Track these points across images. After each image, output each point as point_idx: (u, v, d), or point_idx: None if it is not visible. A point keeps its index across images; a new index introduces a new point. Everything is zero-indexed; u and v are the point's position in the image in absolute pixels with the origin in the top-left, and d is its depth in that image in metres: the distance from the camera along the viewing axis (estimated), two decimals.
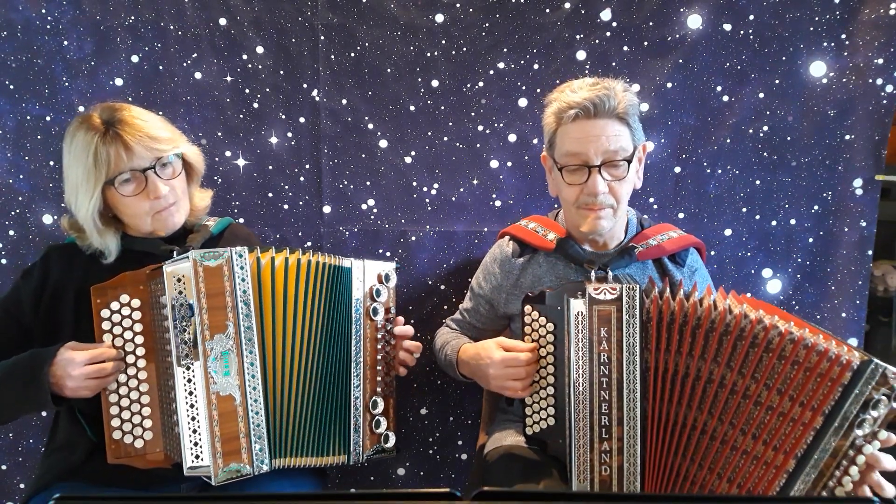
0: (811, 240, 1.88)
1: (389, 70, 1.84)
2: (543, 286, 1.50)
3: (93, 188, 1.34)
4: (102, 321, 1.31)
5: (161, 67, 1.81)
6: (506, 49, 1.83)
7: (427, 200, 1.90)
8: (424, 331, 1.86)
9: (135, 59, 1.81)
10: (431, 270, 1.93)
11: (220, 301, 1.25)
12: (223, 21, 1.81)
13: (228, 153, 1.86)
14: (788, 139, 1.84)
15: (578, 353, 1.28)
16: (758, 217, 1.88)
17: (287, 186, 1.89)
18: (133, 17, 1.79)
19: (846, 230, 1.86)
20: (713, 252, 1.89)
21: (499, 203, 1.91)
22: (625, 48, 1.82)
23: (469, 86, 1.85)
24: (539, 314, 1.36)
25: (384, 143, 1.88)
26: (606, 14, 1.81)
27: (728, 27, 1.80)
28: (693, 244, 1.56)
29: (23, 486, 1.94)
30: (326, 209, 1.90)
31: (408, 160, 1.89)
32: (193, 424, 1.22)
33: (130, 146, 1.34)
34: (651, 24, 1.81)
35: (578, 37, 1.82)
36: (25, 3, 1.77)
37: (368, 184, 1.89)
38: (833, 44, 1.79)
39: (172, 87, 1.82)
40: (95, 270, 1.40)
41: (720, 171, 1.87)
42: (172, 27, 1.80)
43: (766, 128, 1.84)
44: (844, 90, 1.80)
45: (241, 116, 1.85)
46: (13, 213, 1.85)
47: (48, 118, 1.81)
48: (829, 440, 1.13)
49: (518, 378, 1.34)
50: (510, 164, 1.89)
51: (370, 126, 1.87)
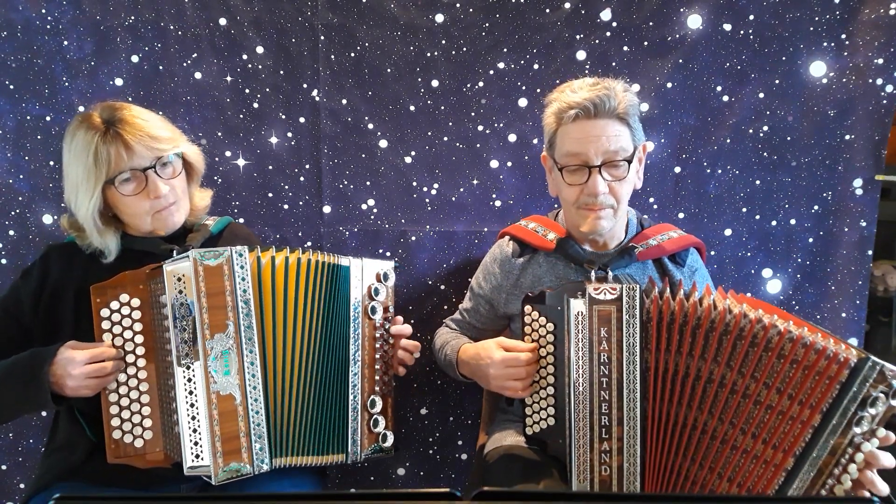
0: (811, 240, 1.88)
1: (389, 70, 1.84)
2: (543, 286, 1.50)
3: (93, 187, 1.34)
4: (102, 321, 1.31)
5: (161, 67, 1.81)
6: (506, 49, 1.83)
7: (427, 200, 1.90)
8: (424, 331, 1.86)
9: (135, 59, 1.81)
10: (431, 270, 1.93)
11: (221, 300, 1.25)
12: (223, 21, 1.81)
13: (228, 153, 1.87)
14: (788, 139, 1.84)
15: (578, 353, 1.28)
16: (758, 217, 1.88)
17: (287, 186, 1.89)
18: (133, 17, 1.79)
19: (846, 230, 1.86)
20: (713, 252, 1.89)
21: (499, 203, 1.91)
22: (625, 48, 1.82)
23: (469, 86, 1.85)
24: (539, 314, 1.36)
25: (384, 143, 1.88)
26: (606, 14, 1.81)
27: (728, 27, 1.80)
28: (693, 244, 1.56)
29: (23, 486, 1.94)
30: (326, 209, 1.90)
31: (408, 160, 1.89)
32: (193, 424, 1.22)
33: (131, 145, 1.34)
34: (651, 24, 1.81)
35: (578, 37, 1.82)
36: (25, 3, 1.77)
37: (368, 184, 1.89)
38: (833, 44, 1.79)
39: (172, 87, 1.82)
40: (95, 270, 1.40)
41: (720, 171, 1.87)
42: (172, 27, 1.80)
43: (766, 128, 1.84)
44: (844, 90, 1.80)
45: (241, 116, 1.85)
46: (13, 213, 1.85)
47: (48, 118, 1.81)
48: (828, 438, 1.13)
49: (518, 378, 1.34)
50: (510, 164, 1.89)
51: (370, 126, 1.87)
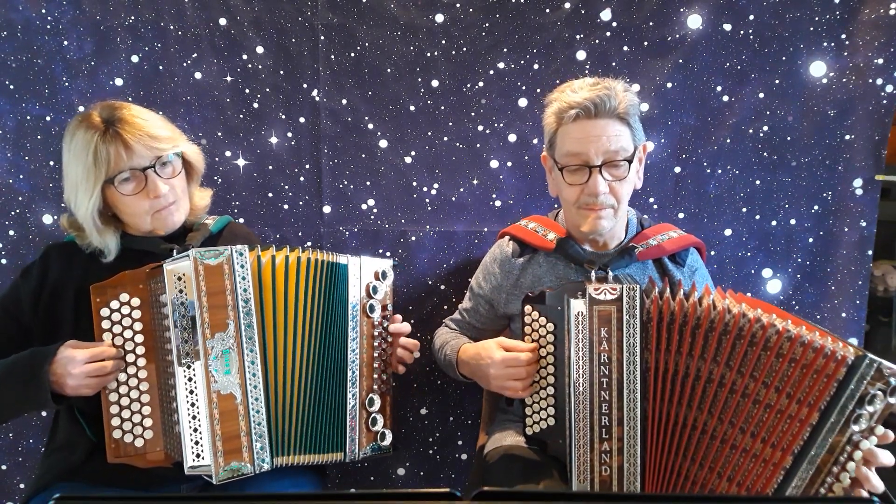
0: (811, 240, 1.88)
1: (389, 70, 1.84)
2: (543, 286, 1.49)
3: (92, 187, 1.34)
4: (102, 320, 1.31)
5: (161, 67, 1.81)
6: (506, 49, 1.83)
7: (427, 200, 1.90)
8: (424, 331, 1.86)
9: (135, 59, 1.81)
10: (431, 270, 1.93)
11: (221, 299, 1.25)
12: (223, 21, 1.81)
13: (228, 153, 1.86)
14: (788, 139, 1.84)
15: (579, 354, 1.28)
16: (758, 217, 1.88)
17: (287, 186, 1.89)
18: (133, 17, 1.79)
19: (846, 230, 1.86)
20: (713, 252, 1.89)
21: (499, 203, 1.91)
22: (625, 48, 1.82)
23: (469, 86, 1.85)
24: (539, 314, 1.36)
25: (384, 143, 1.88)
26: (606, 14, 1.81)
27: (728, 27, 1.80)
28: (693, 244, 1.56)
29: (23, 486, 1.94)
30: (326, 209, 1.90)
31: (408, 160, 1.88)
32: (194, 423, 1.22)
33: (130, 145, 1.33)
34: (651, 24, 1.81)
35: (578, 37, 1.82)
36: (25, 3, 1.77)
37: (368, 184, 1.89)
38: (833, 44, 1.79)
39: (172, 87, 1.82)
40: (95, 269, 1.40)
41: (720, 171, 1.87)
42: (172, 27, 1.80)
43: (766, 128, 1.84)
44: (844, 90, 1.80)
45: (241, 116, 1.85)
46: (13, 213, 1.85)
47: (48, 118, 1.81)
48: (826, 436, 1.13)
49: (519, 378, 1.34)
50: (510, 164, 1.89)
51: (370, 126, 1.87)
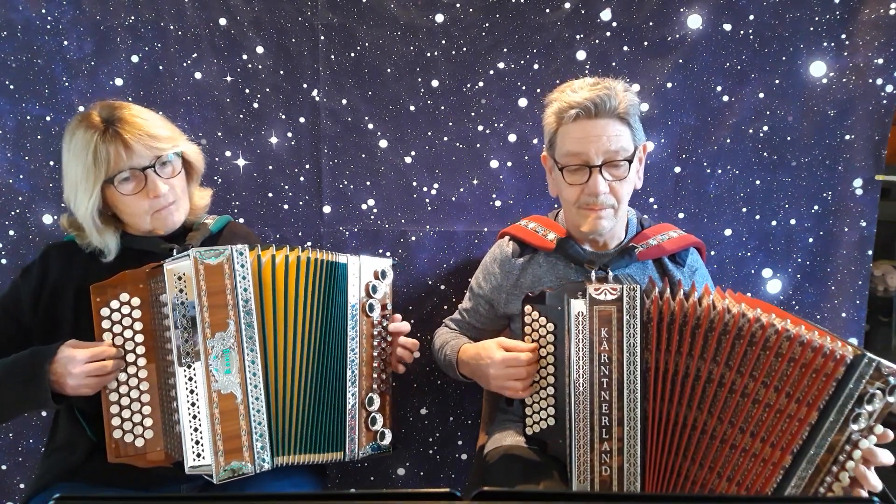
0: (811, 240, 1.88)
1: (389, 70, 1.84)
2: (543, 286, 1.49)
3: (92, 186, 1.34)
4: (102, 320, 1.31)
5: (161, 67, 1.81)
6: (506, 49, 1.83)
7: (427, 200, 1.90)
8: (424, 331, 1.86)
9: (135, 59, 1.81)
10: (431, 270, 1.93)
11: (221, 299, 1.25)
12: (223, 21, 1.81)
13: (228, 153, 1.86)
14: (788, 139, 1.84)
15: (579, 354, 1.28)
16: (758, 217, 1.88)
17: (287, 186, 1.89)
18: (133, 17, 1.79)
19: (846, 230, 1.86)
20: (713, 252, 1.89)
21: (499, 203, 1.90)
22: (625, 48, 1.82)
23: (469, 86, 1.85)
24: (539, 314, 1.35)
25: (384, 143, 1.88)
26: (606, 14, 1.81)
27: (728, 27, 1.80)
28: (693, 244, 1.56)
29: (23, 486, 1.94)
30: (326, 209, 1.90)
31: (408, 160, 1.88)
32: (195, 423, 1.22)
33: (130, 145, 1.33)
34: (651, 24, 1.81)
35: (578, 37, 1.82)
36: (25, 3, 1.77)
37: (368, 184, 1.89)
38: (833, 44, 1.79)
39: (172, 87, 1.82)
40: (95, 269, 1.40)
41: (720, 171, 1.87)
42: (172, 27, 1.80)
43: (766, 128, 1.84)
44: (844, 90, 1.80)
45: (241, 116, 1.85)
46: (13, 213, 1.85)
47: (48, 118, 1.81)
48: (825, 435, 1.13)
49: (519, 378, 1.34)
50: (510, 164, 1.89)
51: (370, 126, 1.87)
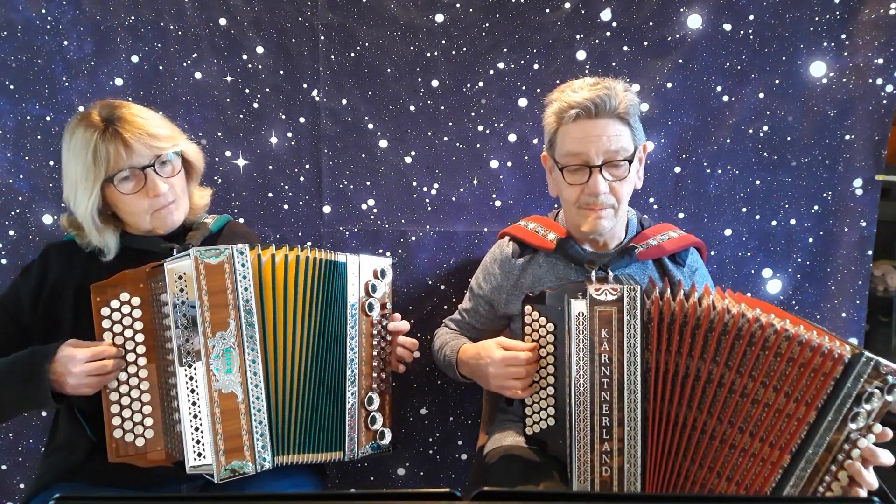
0: (811, 240, 1.88)
1: (389, 70, 1.84)
2: (544, 286, 1.49)
3: (92, 186, 1.34)
4: (102, 319, 1.31)
5: (161, 67, 1.81)
6: (506, 49, 1.83)
7: (427, 200, 1.90)
8: (424, 331, 1.86)
9: (135, 59, 1.81)
10: (431, 270, 1.93)
11: (222, 298, 1.25)
12: (223, 21, 1.81)
13: (228, 153, 1.86)
14: (788, 139, 1.84)
15: (579, 354, 1.27)
16: (758, 217, 1.88)
17: (287, 186, 1.89)
18: (133, 17, 1.79)
19: (846, 230, 1.86)
20: (713, 252, 1.89)
21: (499, 203, 1.90)
22: (625, 48, 1.82)
23: (469, 86, 1.85)
24: (539, 314, 1.35)
25: (384, 143, 1.87)
26: (606, 14, 1.81)
27: (728, 27, 1.80)
28: (693, 244, 1.56)
29: (23, 486, 1.94)
30: (326, 209, 1.90)
31: (408, 160, 1.88)
32: (196, 423, 1.22)
33: (130, 144, 1.33)
34: (651, 24, 1.81)
35: (578, 37, 1.82)
36: (25, 3, 1.77)
37: (368, 184, 1.89)
38: (833, 44, 1.79)
39: (172, 87, 1.82)
40: (94, 268, 1.40)
41: (720, 171, 1.87)
42: (172, 27, 1.80)
43: (766, 128, 1.84)
44: (844, 90, 1.80)
45: (241, 116, 1.85)
46: (13, 213, 1.85)
47: (48, 118, 1.81)
48: (824, 435, 1.13)
49: (518, 378, 1.33)
50: (510, 164, 1.89)
51: (370, 126, 1.87)
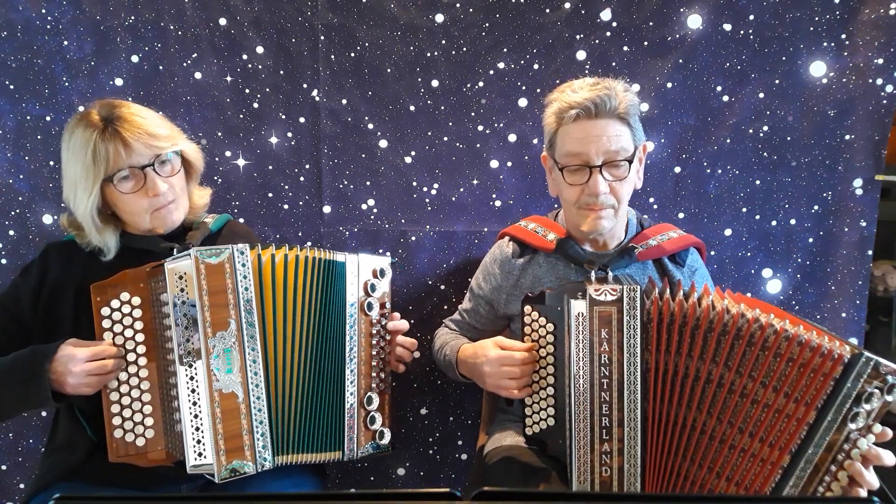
0: (811, 240, 1.88)
1: (389, 70, 1.84)
2: (543, 286, 1.49)
3: (91, 185, 1.34)
4: (103, 319, 1.31)
5: (161, 67, 1.81)
6: (506, 49, 1.83)
7: (427, 200, 1.90)
8: (424, 331, 1.86)
9: (135, 59, 1.81)
10: (431, 270, 1.93)
11: (223, 298, 1.25)
12: (223, 21, 1.81)
13: (228, 153, 1.86)
14: (788, 139, 1.84)
15: (579, 354, 1.27)
16: (758, 217, 1.88)
17: (287, 186, 1.89)
18: (133, 17, 1.79)
19: (846, 230, 1.86)
20: (713, 252, 1.89)
21: (499, 203, 1.90)
22: (625, 48, 1.82)
23: (469, 86, 1.85)
24: (539, 314, 1.35)
25: (384, 143, 1.88)
26: (606, 14, 1.81)
27: (728, 27, 1.80)
28: (693, 244, 1.56)
29: (23, 486, 1.94)
30: (326, 209, 1.90)
31: (408, 160, 1.88)
32: (196, 422, 1.22)
33: (129, 143, 1.33)
34: (651, 24, 1.81)
35: (578, 37, 1.82)
36: (25, 3, 1.77)
37: (368, 184, 1.89)
38: (833, 44, 1.79)
39: (172, 87, 1.82)
40: (94, 268, 1.40)
41: (720, 171, 1.87)
42: (172, 27, 1.80)
43: (766, 128, 1.84)
44: (844, 90, 1.80)
45: (241, 116, 1.85)
46: (13, 213, 1.85)
47: (48, 118, 1.81)
48: (823, 435, 1.13)
49: (513, 377, 1.33)
50: (510, 164, 1.89)
51: (370, 126, 1.87)
